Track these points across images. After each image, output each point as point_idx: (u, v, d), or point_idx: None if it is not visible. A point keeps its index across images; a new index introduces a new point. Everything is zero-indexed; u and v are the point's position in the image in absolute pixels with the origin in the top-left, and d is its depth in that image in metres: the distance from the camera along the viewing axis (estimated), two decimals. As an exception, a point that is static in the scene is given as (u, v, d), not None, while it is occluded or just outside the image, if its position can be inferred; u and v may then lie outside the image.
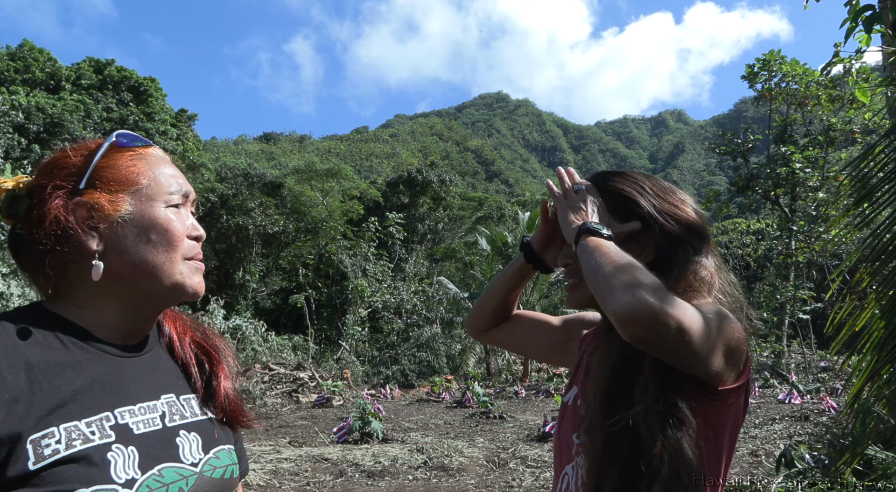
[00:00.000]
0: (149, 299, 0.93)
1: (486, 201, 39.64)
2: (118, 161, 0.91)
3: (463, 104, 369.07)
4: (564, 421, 1.11)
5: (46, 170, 0.91)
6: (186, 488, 0.86)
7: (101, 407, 0.83)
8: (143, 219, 0.90)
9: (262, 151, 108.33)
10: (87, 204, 0.87)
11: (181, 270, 0.92)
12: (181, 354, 1.02)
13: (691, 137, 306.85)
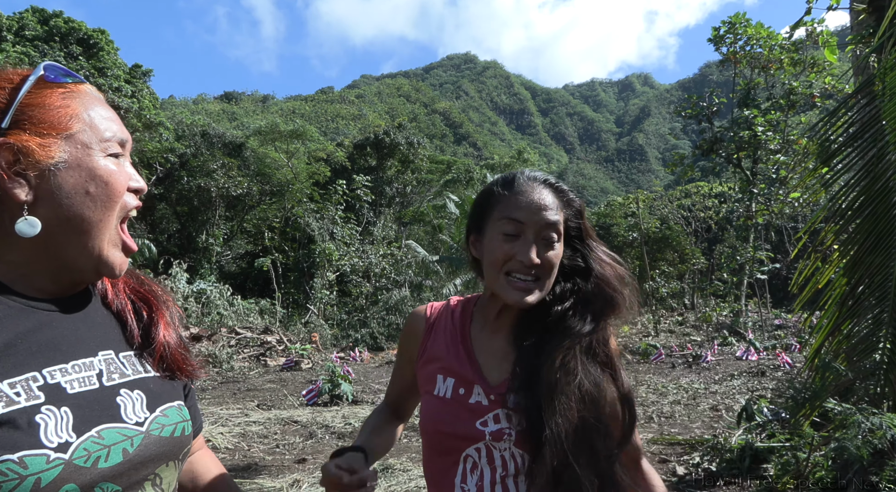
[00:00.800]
0: (68, 268, 0.84)
1: (454, 164, 39.38)
2: (48, 99, 0.80)
3: (430, 65, 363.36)
4: (451, 412, 1.16)
5: None
6: (131, 448, 0.79)
7: (27, 367, 0.75)
8: (80, 167, 0.80)
9: (224, 110, 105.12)
10: (13, 146, 0.76)
11: (109, 238, 0.84)
12: (116, 303, 0.93)
13: (657, 101, 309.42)
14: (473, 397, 1.16)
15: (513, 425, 1.11)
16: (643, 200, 29.83)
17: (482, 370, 1.19)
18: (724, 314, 20.40)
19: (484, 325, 1.25)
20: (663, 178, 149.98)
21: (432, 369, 1.24)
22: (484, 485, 1.12)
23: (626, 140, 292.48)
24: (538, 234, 1.14)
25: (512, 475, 1.11)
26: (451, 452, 1.16)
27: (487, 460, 1.13)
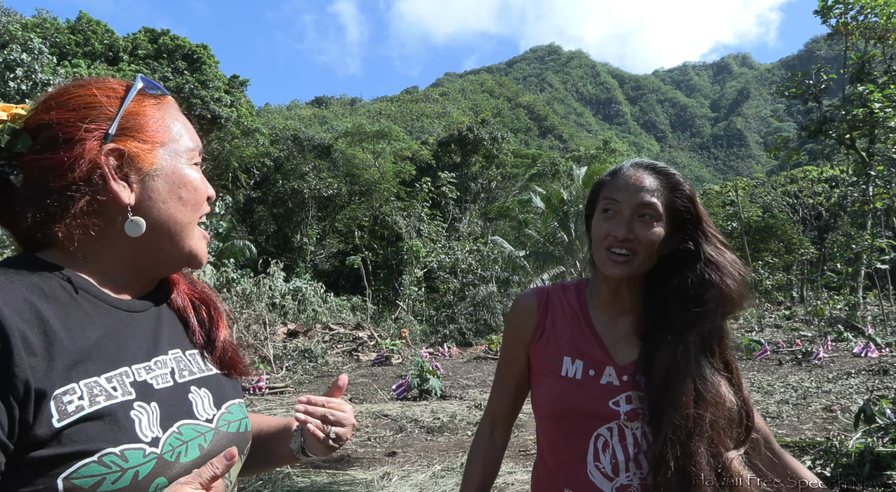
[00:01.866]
0: (161, 263, 0.89)
1: (539, 158, 38.85)
2: (146, 109, 0.86)
3: (514, 59, 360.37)
4: (584, 393, 1.20)
5: (66, 106, 0.81)
6: (205, 444, 0.83)
7: (118, 362, 0.78)
8: (173, 175, 0.86)
9: (315, 115, 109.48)
10: (121, 152, 0.81)
11: (196, 235, 0.90)
12: (179, 305, 0.97)
13: (757, 82, 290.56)
14: (605, 378, 1.21)
15: (644, 406, 1.16)
16: (743, 187, 28.12)
17: (610, 351, 1.23)
18: (838, 308, 18.82)
19: (601, 307, 1.29)
20: (765, 163, 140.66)
21: (556, 349, 1.27)
22: (619, 462, 1.17)
23: (723, 125, 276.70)
24: (634, 212, 1.20)
25: (644, 452, 1.16)
26: (583, 432, 1.19)
27: (619, 438, 1.17)
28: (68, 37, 23.87)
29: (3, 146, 0.79)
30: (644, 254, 1.19)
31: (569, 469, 1.21)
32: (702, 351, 1.15)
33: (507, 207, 29.57)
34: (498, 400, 1.40)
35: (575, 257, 19.83)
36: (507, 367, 1.37)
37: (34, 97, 9.19)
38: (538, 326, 1.31)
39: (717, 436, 1.11)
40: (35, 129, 0.80)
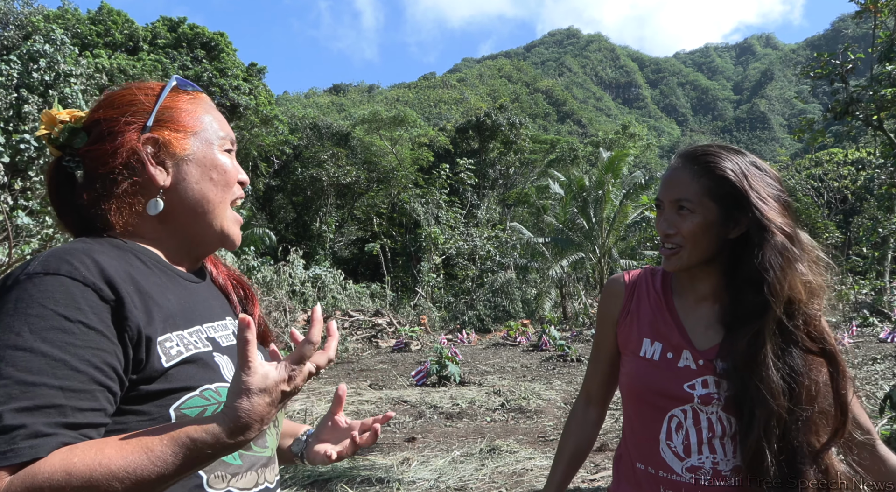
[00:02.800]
0: (196, 242, 0.99)
1: (558, 143, 38.48)
2: (179, 103, 0.98)
3: (532, 43, 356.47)
4: (660, 374, 1.24)
5: (111, 105, 0.95)
6: None
7: (194, 321, 0.92)
8: (205, 159, 0.97)
9: (333, 103, 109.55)
10: (156, 140, 0.93)
11: (229, 216, 1.00)
12: (221, 283, 1.10)
13: (781, 63, 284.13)
14: (682, 362, 1.24)
15: (721, 391, 1.18)
16: (766, 171, 27.61)
17: (690, 336, 1.26)
18: (863, 293, 18.48)
19: (682, 293, 1.32)
20: (789, 146, 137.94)
21: (637, 330, 1.32)
22: (690, 444, 1.20)
23: (746, 108, 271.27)
24: (672, 208, 1.24)
25: (719, 437, 1.19)
26: (657, 411, 1.24)
27: (693, 421, 1.21)
28: (89, 27, 24.08)
29: (63, 142, 0.94)
30: (690, 245, 1.21)
31: (643, 446, 1.27)
32: (783, 339, 1.15)
33: (525, 193, 29.40)
34: (591, 377, 1.45)
35: (594, 243, 19.67)
36: (599, 346, 1.43)
37: (57, 87, 9.35)
38: (625, 307, 1.37)
39: (811, 428, 1.13)
40: (88, 126, 0.94)
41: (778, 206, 1.20)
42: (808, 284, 1.16)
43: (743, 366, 1.14)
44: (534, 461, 4.74)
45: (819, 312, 1.18)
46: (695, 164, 1.23)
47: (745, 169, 1.21)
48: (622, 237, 20.63)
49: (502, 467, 4.62)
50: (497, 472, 4.53)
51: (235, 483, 0.86)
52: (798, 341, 1.15)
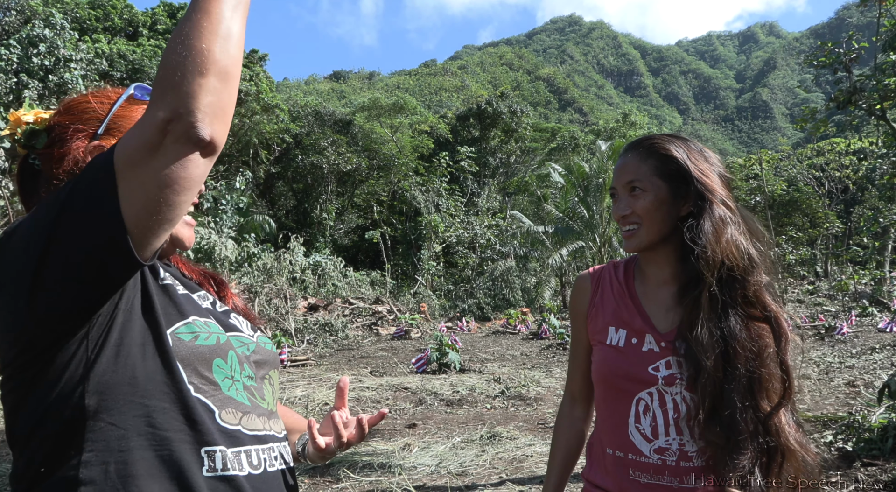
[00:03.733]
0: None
1: (559, 132, 38.36)
2: (133, 113, 0.98)
3: (533, 30, 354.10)
4: (625, 359, 1.29)
5: (68, 111, 0.98)
6: (254, 349, 1.02)
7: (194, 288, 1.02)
8: None
9: (333, 89, 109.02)
10: (102, 148, 0.94)
11: (183, 222, 1.01)
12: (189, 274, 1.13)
13: (784, 52, 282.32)
14: (645, 346, 1.28)
15: (683, 371, 1.21)
16: (767, 160, 27.58)
17: (652, 320, 1.30)
18: (863, 283, 18.52)
19: (644, 279, 1.37)
20: (791, 136, 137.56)
21: (603, 321, 1.36)
22: (658, 425, 1.24)
23: (748, 96, 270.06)
24: (626, 190, 1.30)
25: (684, 417, 1.22)
26: (625, 395, 1.28)
27: (659, 403, 1.24)
28: (89, 12, 23.91)
29: (24, 142, 0.97)
30: (646, 224, 1.27)
31: (613, 430, 1.30)
32: (721, 304, 1.19)
33: (525, 181, 29.35)
34: (572, 375, 1.49)
35: (595, 232, 19.67)
36: (575, 343, 1.47)
37: (57, 72, 9.31)
38: (591, 300, 1.41)
39: (757, 388, 1.17)
40: (48, 129, 0.97)
41: (719, 180, 1.28)
42: (745, 252, 1.21)
43: (686, 332, 1.20)
44: (534, 448, 4.78)
45: (759, 280, 1.21)
46: (640, 148, 1.32)
47: (687, 147, 1.30)
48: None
49: (503, 454, 4.66)
50: (497, 458, 4.58)
51: (246, 423, 0.90)
52: (735, 306, 1.20)
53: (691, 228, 1.23)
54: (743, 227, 1.24)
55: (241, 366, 0.94)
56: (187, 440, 0.82)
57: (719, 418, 1.15)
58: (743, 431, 1.14)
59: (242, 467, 0.87)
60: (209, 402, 0.86)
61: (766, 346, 1.19)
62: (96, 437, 0.78)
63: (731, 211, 1.25)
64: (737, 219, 1.25)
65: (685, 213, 1.27)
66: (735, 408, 1.14)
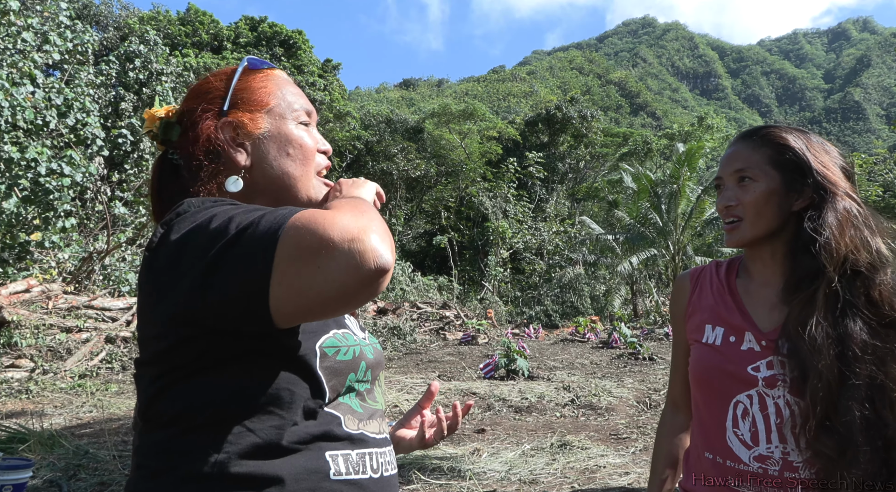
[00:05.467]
0: None
1: (630, 136, 37.44)
2: (252, 83, 0.99)
3: (604, 33, 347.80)
4: (722, 358, 1.22)
5: (192, 96, 1.00)
6: (370, 352, 0.98)
7: None
8: (279, 135, 0.98)
9: (403, 97, 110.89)
10: (232, 123, 0.96)
11: (314, 185, 1.01)
12: None
13: (880, 49, 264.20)
14: (745, 344, 1.21)
15: (786, 372, 1.13)
16: (860, 164, 25.85)
17: (753, 318, 1.23)
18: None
19: (750, 277, 1.30)
20: (887, 138, 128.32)
21: (699, 319, 1.30)
22: (758, 431, 1.16)
23: (838, 97, 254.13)
24: (733, 179, 1.24)
25: (788, 423, 1.13)
26: (722, 398, 1.21)
27: (760, 406, 1.16)
28: (179, 28, 25.47)
29: (161, 136, 0.99)
30: (751, 217, 1.20)
31: (710, 434, 1.24)
32: (840, 303, 1.11)
33: (595, 187, 28.79)
34: (673, 382, 1.44)
35: (668, 239, 19.05)
36: (676, 347, 1.41)
37: (150, 85, 9.94)
38: (689, 300, 1.36)
39: (879, 397, 1.06)
40: (180, 119, 0.99)
41: (841, 172, 1.20)
42: (873, 247, 1.13)
43: (795, 333, 1.11)
44: (606, 459, 4.67)
45: (887, 279, 1.12)
46: (754, 136, 1.25)
47: (805, 138, 1.23)
48: (698, 234, 19.87)
49: (574, 463, 4.58)
50: (569, 467, 4.50)
51: (365, 427, 0.91)
52: (857, 306, 1.11)
53: (813, 219, 1.16)
54: (871, 221, 1.17)
55: (365, 374, 0.94)
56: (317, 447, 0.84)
57: (833, 427, 1.06)
58: (860, 443, 1.04)
59: (366, 471, 0.88)
60: (334, 411, 0.87)
61: (891, 351, 1.09)
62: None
63: (857, 204, 1.17)
64: (864, 212, 1.17)
65: (798, 208, 1.19)
66: (852, 416, 1.05)
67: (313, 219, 0.69)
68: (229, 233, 0.72)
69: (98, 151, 11.46)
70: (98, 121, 11.34)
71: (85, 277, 10.63)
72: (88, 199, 12.78)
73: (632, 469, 4.42)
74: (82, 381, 7.66)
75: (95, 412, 6.26)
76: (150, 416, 0.83)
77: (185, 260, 0.75)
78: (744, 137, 1.27)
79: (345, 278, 0.67)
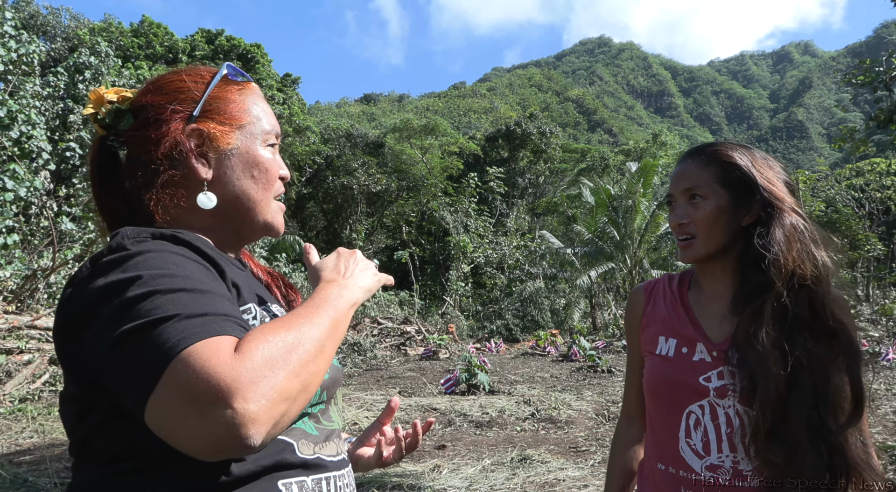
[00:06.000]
0: (242, 232, 0.97)
1: (588, 152, 38.25)
2: (228, 94, 0.94)
3: (562, 52, 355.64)
4: (675, 369, 1.24)
5: (160, 90, 0.92)
6: (327, 376, 0.92)
7: (256, 299, 0.91)
8: (248, 155, 0.93)
9: (364, 112, 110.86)
10: (201, 132, 0.90)
11: (273, 208, 0.97)
12: (260, 276, 1.07)
13: (820, 71, 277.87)
14: (697, 355, 1.23)
15: (736, 382, 1.15)
16: (804, 181, 26.98)
17: (704, 329, 1.26)
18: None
19: (702, 290, 1.32)
20: (828, 156, 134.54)
21: (653, 331, 1.33)
22: (710, 440, 1.18)
23: (783, 116, 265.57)
24: (684, 197, 1.27)
25: (738, 433, 1.16)
26: (675, 408, 1.23)
27: (711, 416, 1.19)
28: (132, 40, 24.89)
29: (109, 122, 0.91)
30: (704, 233, 1.23)
31: (663, 445, 1.25)
32: (786, 315, 1.14)
33: (554, 202, 29.24)
34: (628, 394, 1.45)
35: (626, 253, 19.43)
36: (631, 360, 1.43)
37: (101, 98, 9.51)
38: (644, 312, 1.38)
39: (823, 404, 1.10)
40: (136, 109, 0.91)
41: (785, 188, 1.23)
42: (818, 261, 1.16)
43: (744, 343, 1.14)
44: (566, 472, 4.68)
45: (830, 291, 1.16)
46: (701, 154, 1.28)
47: (750, 154, 1.26)
48: (654, 248, 20.34)
49: (534, 477, 4.57)
50: (529, 481, 4.49)
51: (321, 451, 0.87)
52: (803, 317, 1.14)
53: (762, 235, 1.18)
54: (816, 235, 1.20)
55: (320, 396, 0.90)
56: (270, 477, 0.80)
57: (781, 434, 1.08)
58: (807, 449, 1.07)
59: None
60: (286, 437, 0.83)
61: (835, 360, 1.12)
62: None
63: (802, 218, 1.21)
64: (809, 227, 1.21)
65: (746, 223, 1.22)
66: (800, 424, 1.08)
67: (207, 362, 0.63)
68: (139, 316, 0.67)
69: (44, 165, 11.03)
70: (44, 133, 10.93)
71: (28, 296, 10.16)
72: (33, 214, 12.27)
73: (590, 482, 4.44)
74: (23, 405, 7.28)
75: (36, 438, 5.96)
76: (83, 454, 0.77)
77: (94, 321, 0.70)
78: (692, 154, 1.30)
79: (204, 446, 0.63)
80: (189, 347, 0.64)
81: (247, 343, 0.67)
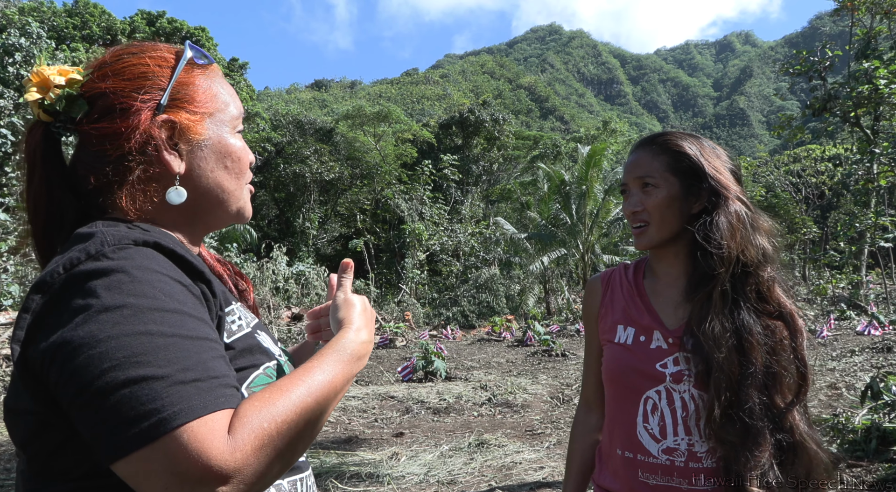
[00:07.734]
0: (208, 226, 0.93)
1: (541, 139, 38.64)
2: (195, 79, 0.88)
3: (514, 39, 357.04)
4: (633, 357, 1.28)
5: (120, 74, 0.84)
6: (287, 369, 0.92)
7: (231, 300, 0.89)
8: (220, 145, 0.89)
9: (315, 99, 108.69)
10: (173, 123, 0.84)
11: (244, 197, 0.95)
12: (218, 270, 1.03)
13: (760, 61, 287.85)
14: (654, 343, 1.27)
15: (691, 367, 1.19)
16: (746, 167, 27.97)
17: (660, 317, 1.29)
18: (840, 287, 18.84)
19: (656, 277, 1.36)
20: (768, 143, 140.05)
21: (612, 320, 1.36)
22: (666, 425, 1.22)
23: (726, 104, 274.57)
24: (637, 185, 1.31)
25: (693, 416, 1.20)
26: (633, 394, 1.27)
27: (667, 401, 1.22)
28: (66, 20, 23.64)
29: (61, 110, 0.82)
30: (657, 220, 1.27)
31: (621, 430, 1.28)
32: (734, 300, 1.19)
33: (508, 188, 29.48)
34: (587, 382, 1.48)
35: (577, 238, 19.79)
36: (589, 348, 1.45)
37: (34, 82, 9.07)
38: (601, 301, 1.41)
39: (772, 384, 1.15)
40: (91, 96, 0.83)
41: (731, 176, 1.28)
42: (760, 247, 1.22)
43: (697, 329, 1.18)
44: (522, 455, 4.77)
45: (773, 275, 1.22)
46: (653, 144, 1.32)
47: (699, 143, 1.30)
48: (605, 233, 20.77)
49: (491, 461, 4.64)
50: (486, 465, 4.56)
51: None
52: (748, 302, 1.19)
53: (705, 225, 1.22)
54: (757, 222, 1.25)
55: None
56: None
57: (735, 414, 1.13)
58: (761, 428, 1.12)
59: None
60: None
61: (781, 341, 1.18)
62: None
63: (746, 207, 1.25)
64: (752, 214, 1.25)
65: (696, 210, 1.27)
66: (752, 403, 1.13)
67: (201, 445, 0.60)
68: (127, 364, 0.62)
69: (-27, 153, 10.40)
70: (-28, 119, 10.28)
71: (-41, 292, 9.61)
72: (-38, 205, 11.58)
73: (546, 464, 4.53)
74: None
75: (-27, 441, 5.67)
76: (44, 471, 0.72)
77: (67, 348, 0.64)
78: (644, 143, 1.34)
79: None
80: (184, 425, 0.61)
81: (242, 427, 0.64)
